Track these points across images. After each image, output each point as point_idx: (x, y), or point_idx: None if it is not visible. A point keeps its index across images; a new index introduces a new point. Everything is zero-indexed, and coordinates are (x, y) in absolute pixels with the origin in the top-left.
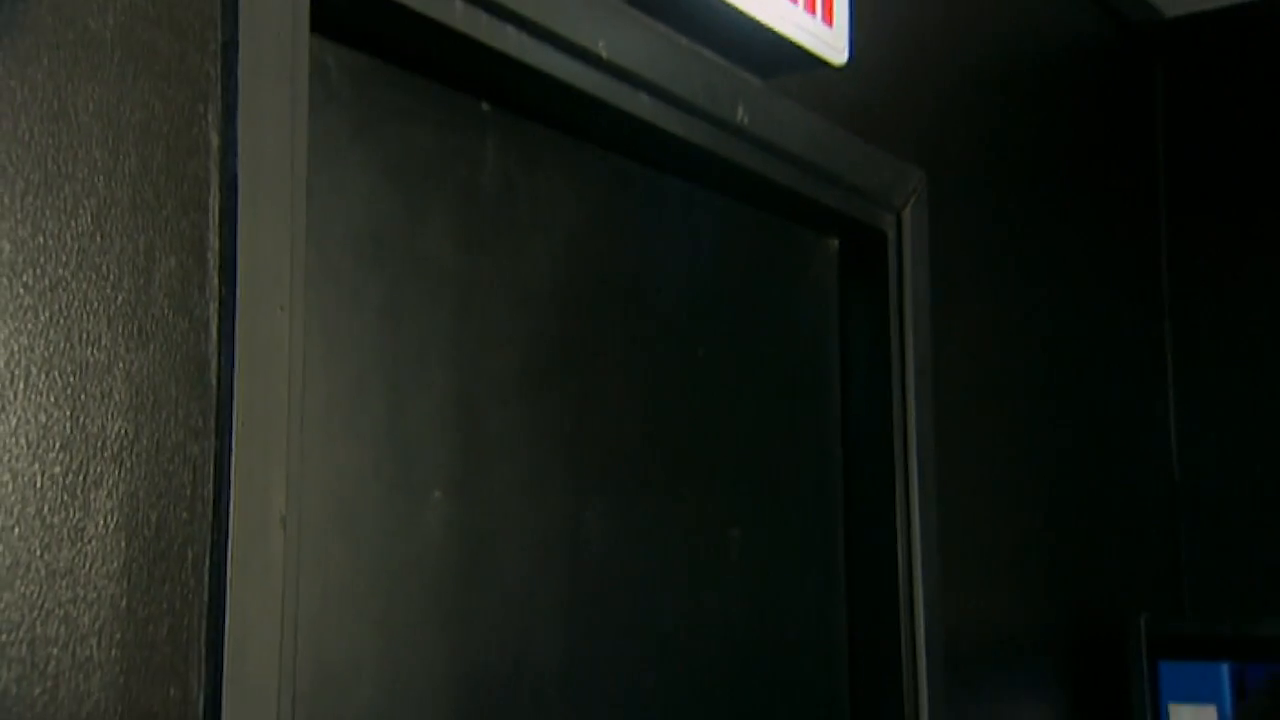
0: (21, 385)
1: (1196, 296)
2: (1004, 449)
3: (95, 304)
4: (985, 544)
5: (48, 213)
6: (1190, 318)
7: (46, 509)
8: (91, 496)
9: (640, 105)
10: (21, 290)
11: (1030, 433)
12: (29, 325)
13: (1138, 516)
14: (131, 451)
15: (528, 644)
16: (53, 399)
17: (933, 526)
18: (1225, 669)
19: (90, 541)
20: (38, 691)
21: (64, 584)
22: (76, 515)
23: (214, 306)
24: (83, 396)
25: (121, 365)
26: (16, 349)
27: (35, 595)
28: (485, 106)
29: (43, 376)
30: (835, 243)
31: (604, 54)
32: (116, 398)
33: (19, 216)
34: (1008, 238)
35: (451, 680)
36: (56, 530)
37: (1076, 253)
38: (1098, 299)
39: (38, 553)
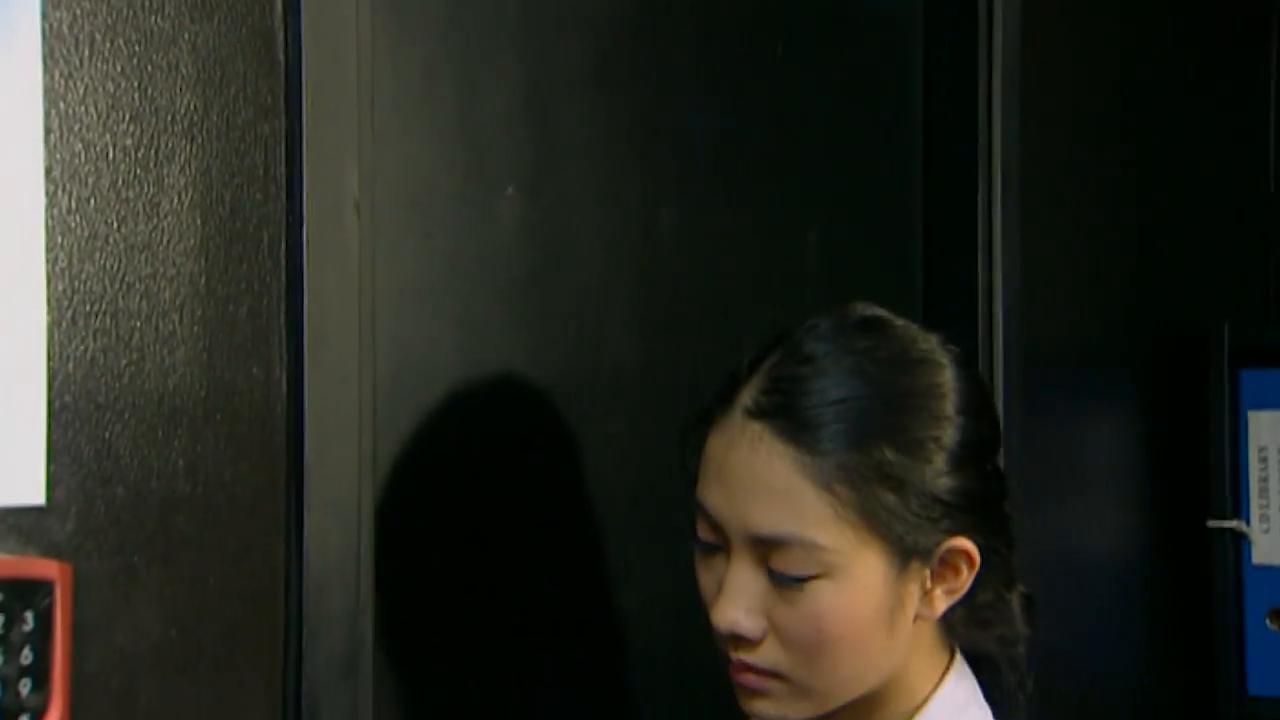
0: (87, 51)
1: None
2: (1090, 151)
3: None
4: (1067, 250)
5: None
6: None
7: (120, 182)
8: (165, 171)
9: None
10: None
11: (1119, 136)
12: None
13: (1226, 226)
14: (202, 128)
15: (602, 344)
16: (119, 68)
17: (1015, 232)
18: None
19: (166, 217)
20: (124, 363)
21: (142, 258)
22: (151, 190)
23: None
24: (149, 67)
25: (187, 36)
26: (80, 12)
27: (115, 268)
28: None
29: (108, 44)
30: None
31: None
32: (184, 70)
33: None
34: None
35: (527, 376)
36: (132, 204)
37: None
38: None
39: (115, 225)
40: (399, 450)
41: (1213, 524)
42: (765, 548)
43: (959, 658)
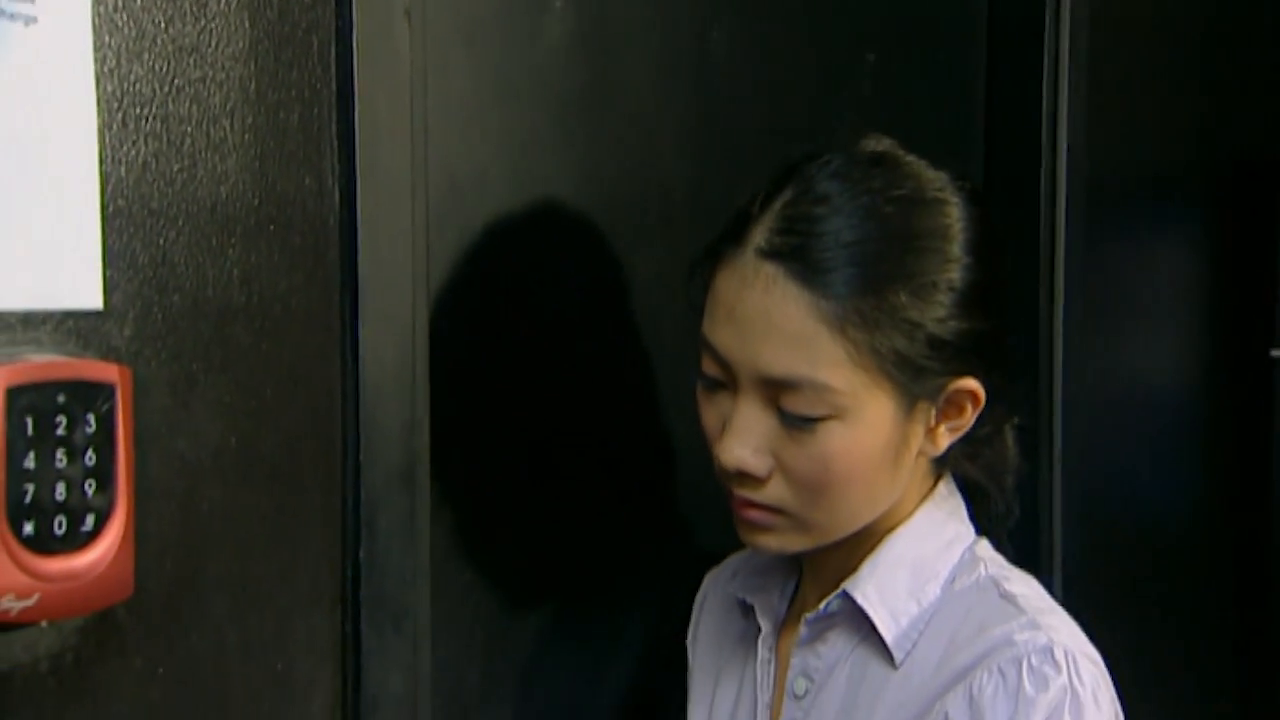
0: None
1: None
2: None
3: None
4: (1134, 75)
5: None
6: None
7: None
8: None
9: None
10: None
11: None
12: None
13: None
14: None
15: (653, 163)
16: None
17: (1081, 56)
18: None
19: (214, 19)
20: (176, 168)
21: (191, 60)
22: None
23: None
24: None
25: None
26: None
27: (164, 69)
28: None
29: None
30: None
31: None
32: None
33: None
34: None
35: (578, 195)
36: (179, 3)
37: None
38: None
39: (162, 25)
40: (451, 264)
41: (1276, 353)
42: (775, 388)
43: (946, 479)
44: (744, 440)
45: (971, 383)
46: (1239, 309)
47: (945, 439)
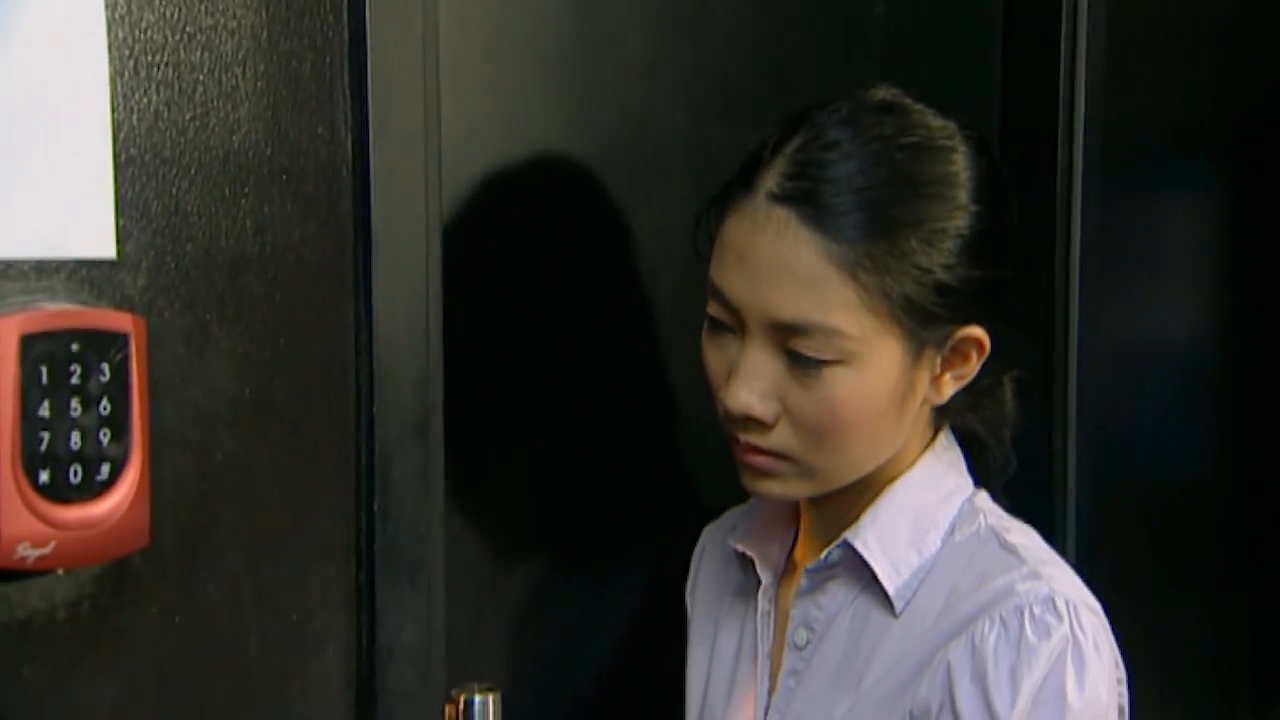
0: None
1: None
2: None
3: None
4: (1155, 21)
5: None
6: None
7: None
8: None
9: None
10: None
11: None
12: None
13: None
14: None
15: (651, 117)
16: None
17: (1101, 8)
18: None
19: None
20: (188, 117)
21: (202, 8)
22: None
23: None
24: None
25: None
26: None
27: (175, 17)
28: None
29: None
30: None
31: None
32: None
33: None
34: None
35: (592, 145)
36: None
37: None
38: None
39: None
40: (464, 216)
41: None
42: (784, 332)
43: (945, 432)
44: (751, 385)
45: (978, 330)
46: (1259, 264)
47: (950, 387)
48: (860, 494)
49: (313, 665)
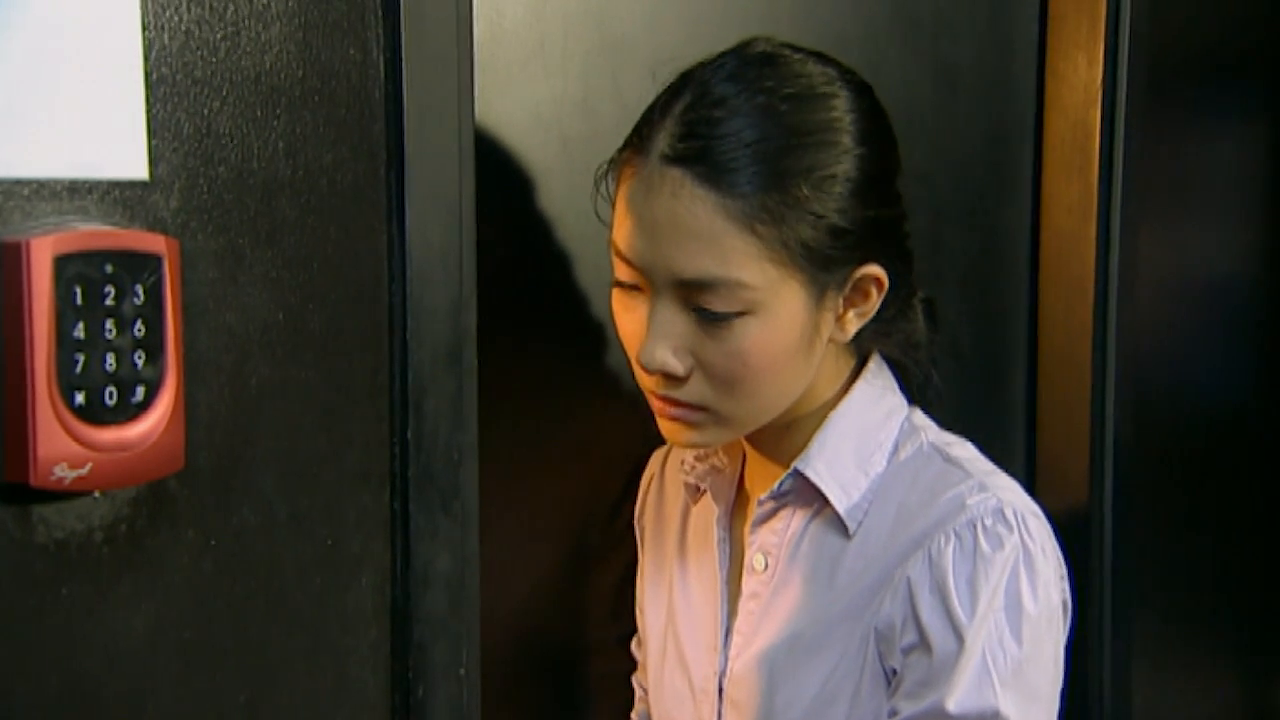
0: None
1: None
2: None
3: None
4: None
5: None
6: None
7: None
8: None
9: None
10: None
11: None
12: None
13: None
14: None
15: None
16: None
17: None
18: None
19: None
20: (219, 36)
21: None
22: None
23: None
24: None
25: None
26: None
27: None
28: None
29: None
30: None
31: None
32: None
33: None
34: None
35: (629, 69)
36: None
37: None
38: None
39: None
40: (498, 141)
41: None
42: (689, 289)
43: (875, 357)
44: (663, 342)
45: (875, 269)
46: None
47: (853, 324)
48: (802, 425)
49: (349, 589)
